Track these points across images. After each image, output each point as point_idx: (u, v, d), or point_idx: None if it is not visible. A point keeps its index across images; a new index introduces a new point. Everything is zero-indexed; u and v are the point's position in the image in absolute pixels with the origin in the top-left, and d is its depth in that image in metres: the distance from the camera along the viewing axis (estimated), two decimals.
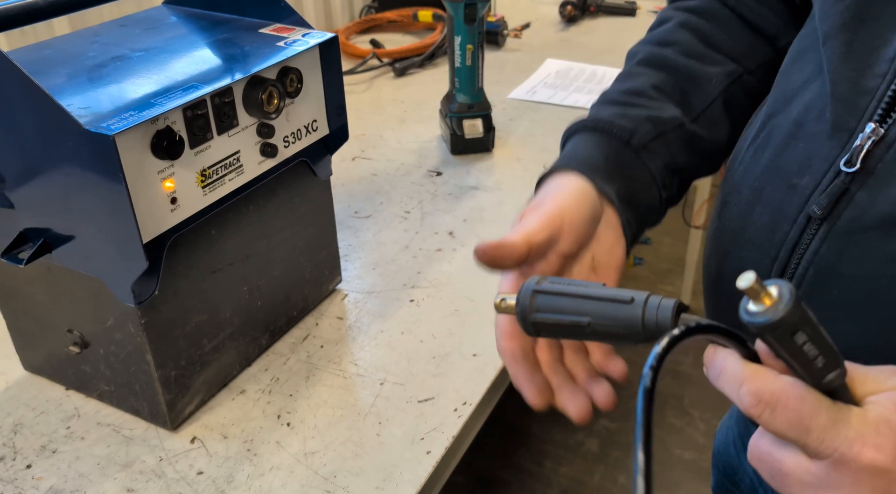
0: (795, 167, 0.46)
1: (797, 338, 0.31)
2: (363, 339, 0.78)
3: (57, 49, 0.68)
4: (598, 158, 0.53)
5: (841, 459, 0.31)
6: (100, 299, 0.62)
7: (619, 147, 0.54)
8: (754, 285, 0.30)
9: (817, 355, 0.31)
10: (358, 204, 1.04)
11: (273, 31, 0.73)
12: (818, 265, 0.44)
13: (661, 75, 0.58)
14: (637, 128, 0.54)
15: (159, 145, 0.57)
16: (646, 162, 0.54)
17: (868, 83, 0.43)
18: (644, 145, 0.54)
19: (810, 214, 0.44)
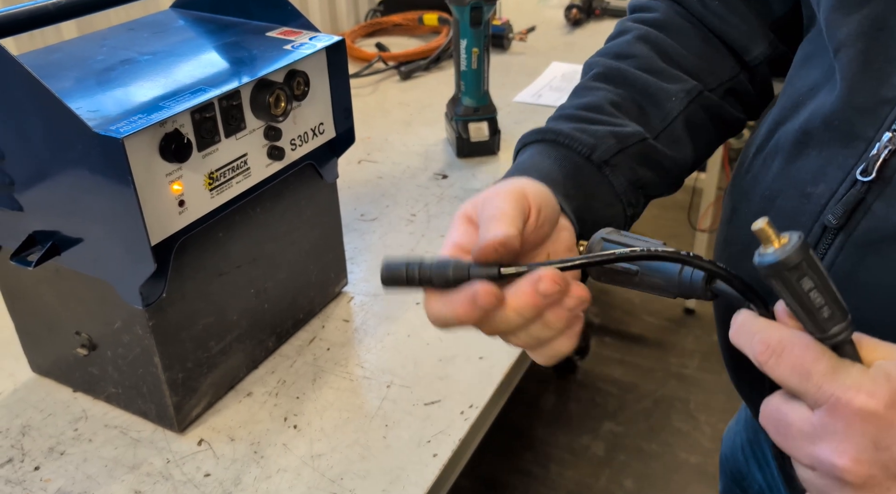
0: (809, 176, 0.46)
1: (804, 283, 0.32)
2: (369, 342, 0.78)
3: (65, 53, 0.69)
4: (556, 172, 0.50)
5: (836, 404, 0.32)
6: (108, 302, 0.63)
7: (579, 163, 0.51)
8: (765, 227, 0.33)
9: (823, 304, 0.33)
10: (364, 207, 1.04)
11: (280, 34, 0.73)
12: (834, 276, 0.43)
13: (619, 91, 0.56)
14: (598, 143, 0.52)
15: (167, 148, 0.57)
16: (608, 178, 0.52)
17: (887, 93, 0.42)
18: (606, 161, 0.52)
19: (825, 223, 0.43)
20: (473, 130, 1.14)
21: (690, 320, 2.22)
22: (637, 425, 1.86)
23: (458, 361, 0.75)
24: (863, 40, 0.44)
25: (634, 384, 1.97)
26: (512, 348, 0.78)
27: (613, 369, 2.03)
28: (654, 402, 1.92)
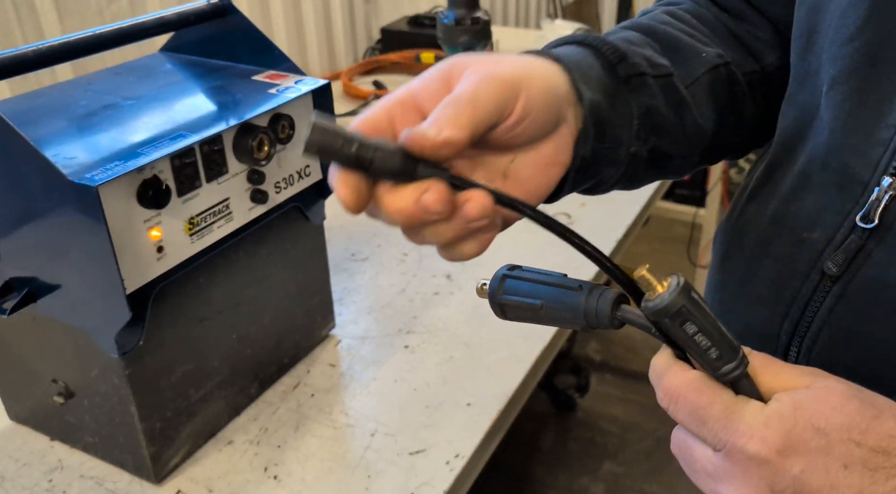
0: (805, 220, 0.44)
1: (687, 328, 0.33)
2: (355, 387, 0.77)
3: (50, 98, 0.69)
4: (582, 63, 0.43)
5: (731, 450, 0.33)
6: (84, 350, 0.61)
7: (605, 68, 0.44)
8: (645, 274, 0.33)
9: (710, 346, 0.33)
10: (355, 246, 1.04)
11: (266, 78, 0.73)
12: (833, 325, 0.42)
13: (647, 39, 0.49)
14: (630, 56, 0.45)
15: (145, 195, 0.57)
16: (628, 96, 0.44)
17: (882, 134, 0.40)
18: (629, 77, 0.44)
19: (825, 271, 0.42)
20: None
21: None
22: (638, 465, 1.82)
23: (446, 407, 0.73)
24: (856, 77, 0.42)
25: (636, 423, 1.93)
26: (501, 393, 0.77)
27: (614, 407, 1.99)
28: (656, 441, 1.88)
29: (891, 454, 0.31)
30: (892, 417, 0.32)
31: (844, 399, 0.32)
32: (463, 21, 1.04)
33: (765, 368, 0.34)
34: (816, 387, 0.33)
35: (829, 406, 0.32)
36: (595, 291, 0.38)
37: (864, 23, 0.41)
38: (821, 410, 0.32)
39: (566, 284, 0.39)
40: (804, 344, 0.43)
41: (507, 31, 2.06)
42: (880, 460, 0.31)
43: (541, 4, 2.72)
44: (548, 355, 0.83)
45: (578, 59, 0.44)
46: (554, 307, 0.39)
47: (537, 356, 0.80)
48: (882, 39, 0.40)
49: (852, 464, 0.31)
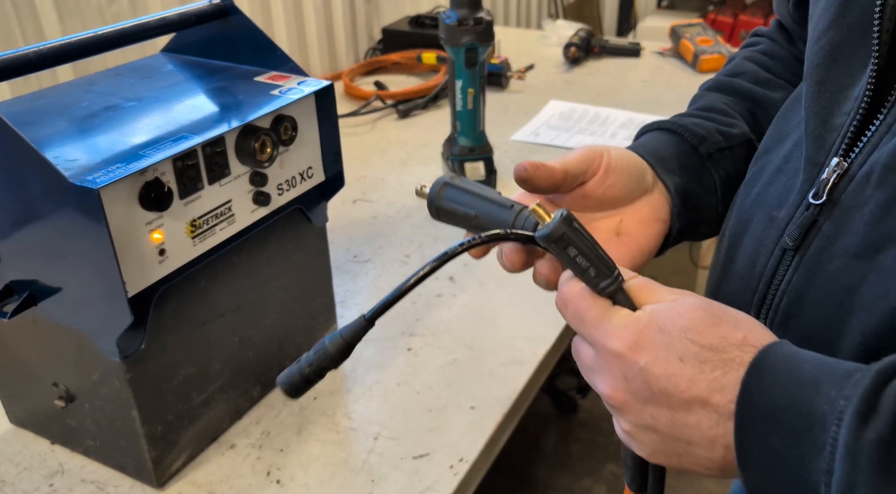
0: (776, 200, 0.48)
1: (570, 251, 0.39)
2: (358, 390, 0.76)
3: (50, 99, 0.68)
4: (665, 152, 0.55)
5: (599, 347, 0.40)
6: (85, 353, 0.61)
7: (688, 150, 0.56)
8: (536, 208, 0.40)
9: (588, 266, 0.40)
10: (357, 248, 1.03)
11: (268, 79, 0.73)
12: (790, 295, 0.45)
13: (730, 98, 0.61)
14: (708, 136, 0.57)
15: (147, 197, 0.56)
16: (711, 169, 0.56)
17: (835, 120, 0.44)
18: (710, 154, 0.56)
19: (784, 246, 0.45)
20: (469, 170, 1.13)
21: None
22: None
23: (449, 411, 0.73)
24: (819, 70, 0.46)
25: None
26: (505, 396, 0.76)
27: None
28: None
29: (720, 350, 0.37)
30: (730, 325, 0.38)
31: (691, 308, 0.39)
32: (465, 21, 1.03)
33: (643, 287, 0.41)
34: (676, 301, 0.39)
35: (677, 313, 0.39)
36: (523, 212, 0.45)
37: (828, 25, 0.46)
38: (669, 315, 0.39)
39: (500, 201, 0.46)
40: (769, 316, 0.46)
41: (509, 31, 2.05)
42: (710, 355, 0.37)
43: (542, 4, 2.72)
44: (552, 357, 0.83)
45: (658, 146, 0.56)
46: (486, 220, 0.46)
47: (541, 358, 0.80)
48: (841, 39, 0.45)
49: (686, 357, 0.37)
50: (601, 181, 0.50)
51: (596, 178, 0.50)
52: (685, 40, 1.69)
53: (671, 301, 0.40)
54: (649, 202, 0.53)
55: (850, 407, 0.33)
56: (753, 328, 0.39)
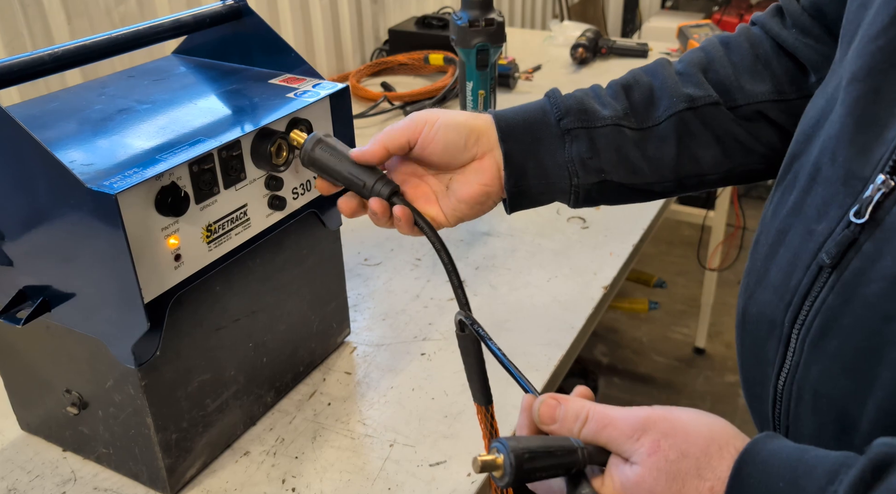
0: (815, 212, 0.46)
1: (536, 476, 0.41)
2: (372, 396, 0.75)
3: (63, 102, 0.67)
4: (526, 119, 0.60)
5: None
6: (99, 360, 0.60)
7: (550, 121, 0.60)
8: (483, 464, 0.41)
9: (556, 471, 0.42)
10: (368, 251, 1.02)
11: (283, 81, 0.72)
12: (824, 315, 0.44)
13: (647, 79, 0.62)
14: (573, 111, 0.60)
15: (163, 202, 0.56)
16: (565, 144, 0.59)
17: (889, 133, 0.42)
18: (569, 130, 0.60)
19: (820, 263, 0.44)
20: None
21: (700, 360, 2.18)
22: None
23: (465, 417, 0.72)
24: (874, 76, 0.43)
25: None
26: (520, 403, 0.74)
27: None
28: None
29: None
30: (693, 479, 0.38)
31: (654, 480, 0.39)
32: (477, 22, 1.02)
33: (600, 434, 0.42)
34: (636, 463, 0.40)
35: (645, 490, 0.39)
36: (382, 179, 0.57)
37: (890, 22, 0.43)
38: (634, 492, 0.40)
39: (358, 173, 0.57)
40: (801, 334, 0.45)
41: (514, 32, 2.04)
42: None
43: (546, 5, 2.71)
44: (566, 363, 0.82)
45: (525, 112, 0.61)
46: (350, 179, 0.57)
47: (556, 364, 0.79)
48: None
49: None
50: (421, 151, 0.58)
51: (417, 148, 0.58)
52: (693, 41, 1.68)
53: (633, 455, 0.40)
54: (475, 168, 0.59)
55: None
56: (715, 467, 0.38)
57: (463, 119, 0.58)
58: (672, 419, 0.40)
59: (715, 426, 0.40)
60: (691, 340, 2.23)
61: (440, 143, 0.57)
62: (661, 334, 2.29)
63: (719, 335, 2.26)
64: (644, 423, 0.40)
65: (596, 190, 0.61)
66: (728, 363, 2.16)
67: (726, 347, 2.23)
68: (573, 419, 0.43)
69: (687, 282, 2.49)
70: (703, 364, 2.17)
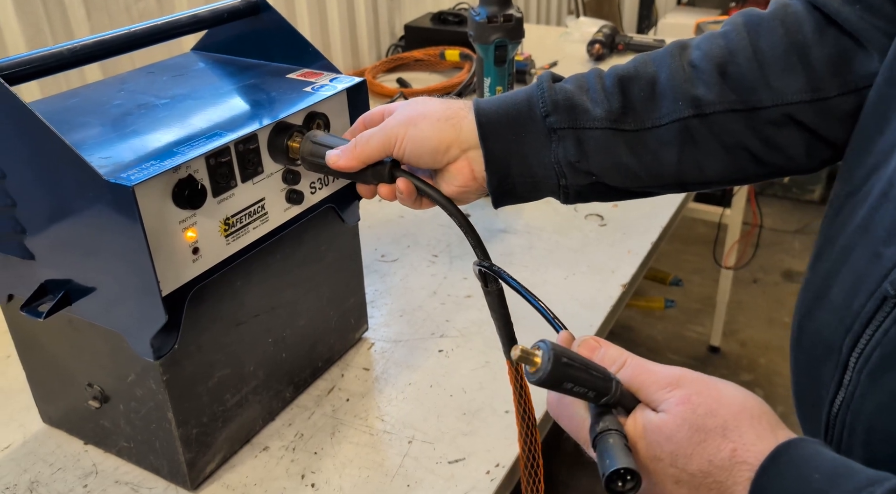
0: (884, 232, 0.43)
1: (566, 385, 0.40)
2: (390, 392, 0.75)
3: (84, 97, 0.67)
4: (511, 116, 0.56)
5: None
6: (120, 354, 0.60)
7: (535, 116, 0.56)
8: (521, 355, 0.40)
9: (586, 391, 0.41)
10: (384, 247, 1.02)
11: (300, 76, 0.72)
12: (885, 348, 0.41)
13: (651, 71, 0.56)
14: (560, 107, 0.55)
15: (181, 195, 0.55)
16: (552, 144, 0.56)
17: None
18: (555, 129, 0.56)
19: (885, 293, 0.41)
20: None
21: (715, 358, 2.16)
22: None
23: (484, 414, 0.72)
24: None
25: None
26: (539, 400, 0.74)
27: None
28: None
29: (710, 473, 0.38)
30: (717, 437, 0.38)
31: (678, 427, 0.39)
32: (495, 18, 1.01)
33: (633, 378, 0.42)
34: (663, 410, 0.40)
35: (665, 436, 0.39)
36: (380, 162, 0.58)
37: None
38: (657, 439, 0.40)
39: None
40: (859, 363, 0.43)
41: (530, 27, 2.03)
42: (702, 479, 0.39)
43: (562, 1, 2.70)
44: None
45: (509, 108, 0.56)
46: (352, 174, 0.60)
47: None
48: None
49: (681, 482, 0.40)
50: (399, 157, 0.58)
51: (395, 155, 0.58)
52: None
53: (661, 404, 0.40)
54: (450, 171, 0.58)
55: None
56: (743, 432, 0.38)
57: (430, 132, 0.56)
58: (707, 381, 0.41)
59: (750, 399, 0.40)
60: (706, 338, 2.21)
61: (411, 156, 0.57)
62: (677, 332, 2.27)
63: (734, 333, 2.24)
64: (679, 378, 0.41)
65: (588, 190, 0.57)
66: (742, 362, 2.14)
67: (741, 345, 2.21)
68: (610, 362, 0.43)
69: (702, 280, 2.47)
70: (718, 363, 2.15)
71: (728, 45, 0.55)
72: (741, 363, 2.14)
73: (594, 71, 0.58)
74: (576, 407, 0.44)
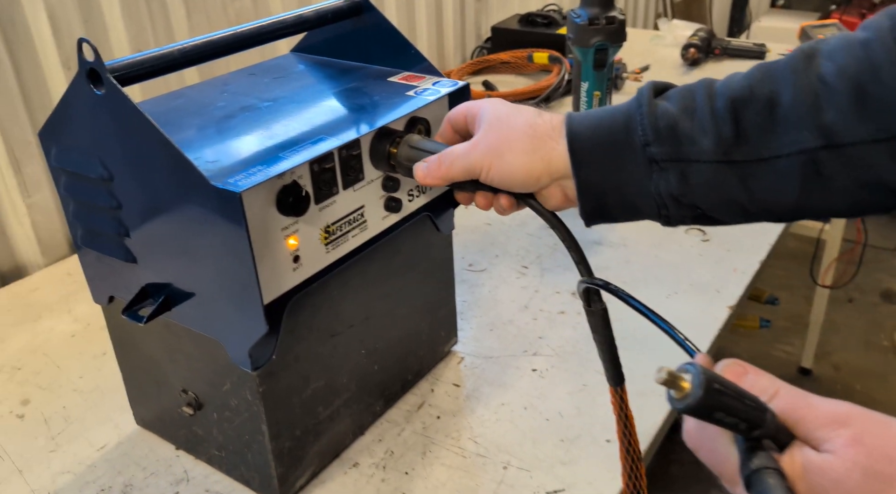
0: None
1: (716, 415, 0.35)
2: (482, 411, 0.72)
3: (188, 98, 0.67)
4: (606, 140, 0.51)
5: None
6: (216, 362, 0.59)
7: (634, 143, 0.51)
8: (668, 378, 0.35)
9: (737, 422, 0.36)
10: (472, 256, 0.99)
11: (402, 79, 0.69)
12: None
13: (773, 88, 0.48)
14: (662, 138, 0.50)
15: (285, 201, 0.54)
16: (653, 176, 0.51)
17: None
18: (656, 160, 0.50)
19: None
20: None
21: (806, 381, 2.04)
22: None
23: (583, 443, 0.67)
24: None
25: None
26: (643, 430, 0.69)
27: None
28: None
29: None
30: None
31: (845, 472, 0.34)
32: (597, 20, 0.97)
33: (791, 411, 0.37)
34: (828, 451, 0.35)
35: (830, 480, 0.34)
36: None
37: None
38: (821, 483, 0.34)
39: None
40: None
41: None
42: None
43: (649, 4, 2.61)
44: None
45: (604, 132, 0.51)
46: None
47: None
48: None
49: None
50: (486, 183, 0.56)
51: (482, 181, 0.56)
52: None
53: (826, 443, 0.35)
54: (545, 193, 0.55)
55: None
56: None
57: (517, 166, 0.54)
58: (882, 420, 0.35)
59: None
60: (796, 359, 2.09)
61: (501, 186, 0.55)
62: (764, 351, 2.16)
63: (827, 355, 2.12)
64: (846, 415, 0.36)
65: (691, 220, 0.53)
66: (836, 387, 2.01)
67: (834, 369, 2.08)
68: (760, 391, 0.37)
69: (791, 297, 2.34)
70: (809, 386, 2.00)
71: (870, 57, 0.45)
72: (834, 388, 2.01)
73: (703, 85, 0.51)
74: (720, 439, 0.39)
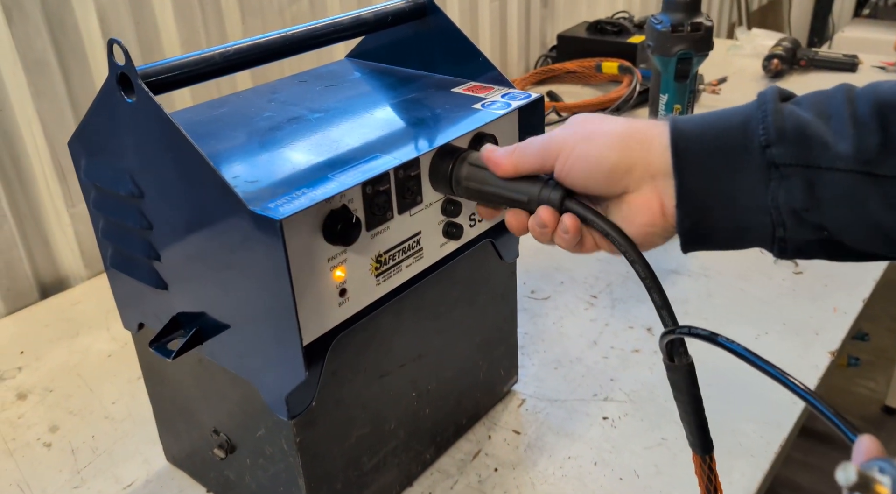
0: None
1: None
2: (546, 465, 0.64)
3: (233, 107, 0.61)
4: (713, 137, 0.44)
5: None
6: (250, 404, 0.53)
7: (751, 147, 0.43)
8: (858, 481, 0.27)
9: None
10: (534, 282, 0.91)
11: (468, 90, 0.62)
12: None
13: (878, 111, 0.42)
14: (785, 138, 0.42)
15: (332, 229, 0.47)
16: (771, 184, 0.43)
17: None
18: (776, 164, 0.42)
19: None
20: None
21: (891, 422, 1.88)
22: None
23: None
24: None
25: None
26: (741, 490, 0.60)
27: (799, 474, 1.73)
28: None
29: None
30: None
31: None
32: (681, 27, 0.88)
33: None
34: None
35: None
36: (548, 185, 0.48)
37: None
38: None
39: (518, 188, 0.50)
40: None
41: None
42: None
43: (723, 13, 2.48)
44: (785, 449, 0.66)
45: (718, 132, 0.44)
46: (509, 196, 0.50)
47: (776, 450, 0.64)
48: None
49: None
50: (558, 179, 0.48)
51: (557, 173, 0.48)
52: None
53: None
54: (630, 203, 0.46)
55: None
56: None
57: (609, 150, 0.46)
58: None
59: None
60: (880, 397, 1.93)
61: (578, 177, 0.47)
62: (843, 386, 2.00)
63: None
64: None
65: (813, 247, 0.44)
66: None
67: None
68: None
69: (875, 329, 2.17)
70: (893, 428, 1.86)
71: None
72: None
73: (841, 89, 0.44)
74: None
